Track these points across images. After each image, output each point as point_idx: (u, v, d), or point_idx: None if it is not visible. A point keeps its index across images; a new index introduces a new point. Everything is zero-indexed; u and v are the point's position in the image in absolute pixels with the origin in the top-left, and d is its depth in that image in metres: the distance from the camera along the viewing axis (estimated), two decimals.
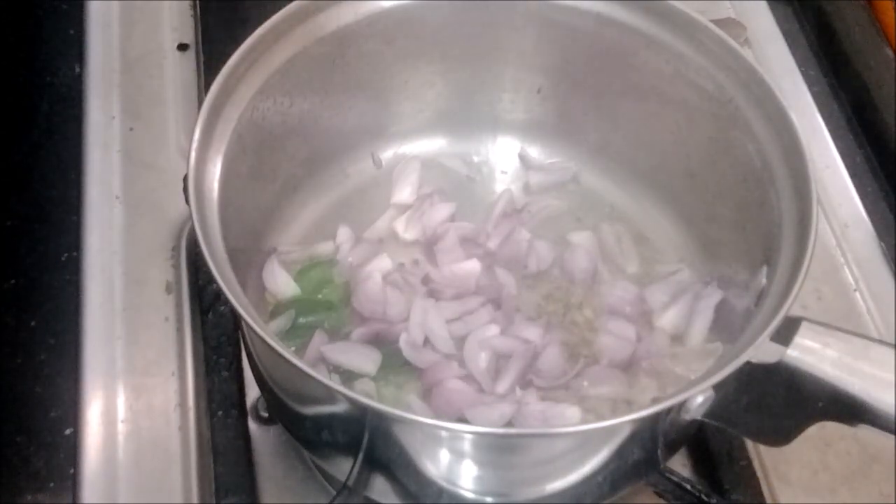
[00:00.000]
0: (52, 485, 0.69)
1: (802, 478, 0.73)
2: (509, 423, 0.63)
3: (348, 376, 0.67)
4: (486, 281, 0.71)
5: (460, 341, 0.68)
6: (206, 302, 0.76)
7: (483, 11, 0.71)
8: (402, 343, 0.67)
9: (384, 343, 0.68)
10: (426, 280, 0.71)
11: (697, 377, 0.54)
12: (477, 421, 0.63)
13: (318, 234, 0.75)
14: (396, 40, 0.71)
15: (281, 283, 0.70)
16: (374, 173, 0.78)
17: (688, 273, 0.73)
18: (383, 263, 0.72)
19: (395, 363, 0.67)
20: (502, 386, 0.66)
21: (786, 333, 0.54)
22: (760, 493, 0.71)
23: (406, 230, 0.75)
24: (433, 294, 0.70)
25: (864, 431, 0.54)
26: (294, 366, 0.52)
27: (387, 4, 0.69)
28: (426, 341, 0.68)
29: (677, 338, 0.70)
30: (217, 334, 0.75)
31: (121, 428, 0.71)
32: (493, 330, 0.68)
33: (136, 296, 0.77)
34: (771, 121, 0.63)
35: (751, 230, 0.66)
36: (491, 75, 0.76)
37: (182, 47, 0.92)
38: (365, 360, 0.67)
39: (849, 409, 0.54)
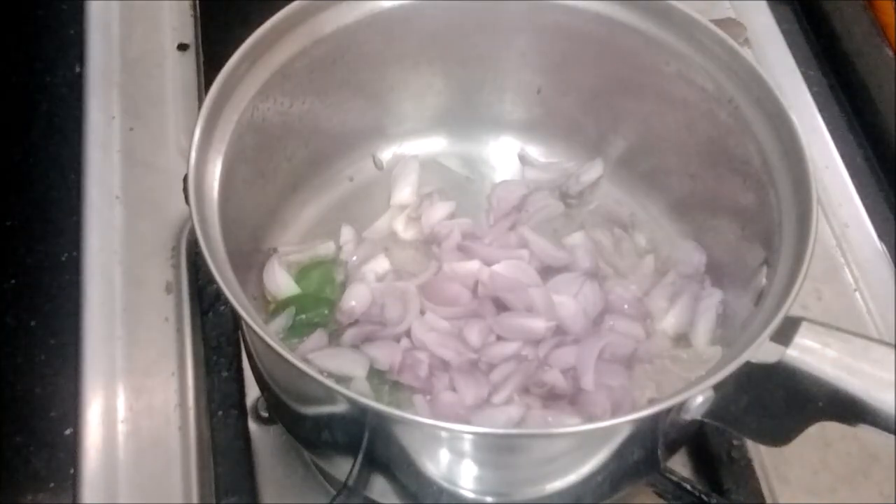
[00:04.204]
0: (52, 485, 0.69)
1: (802, 478, 0.73)
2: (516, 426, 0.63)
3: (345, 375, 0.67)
4: (485, 281, 0.71)
5: (459, 343, 0.68)
6: (206, 302, 0.76)
7: (483, 11, 0.71)
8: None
9: (377, 343, 0.68)
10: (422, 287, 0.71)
11: (697, 377, 0.54)
12: (483, 423, 0.63)
13: (318, 234, 0.75)
14: (396, 40, 0.71)
15: (281, 283, 0.70)
16: (374, 173, 0.78)
17: (687, 273, 0.72)
18: (379, 265, 0.72)
19: None
20: (499, 397, 0.65)
21: (786, 333, 0.54)
22: (760, 493, 0.71)
23: (405, 230, 0.75)
24: (430, 298, 0.70)
25: (864, 431, 0.54)
26: (294, 366, 0.52)
27: (387, 4, 0.69)
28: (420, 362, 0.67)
29: (682, 339, 0.70)
30: (217, 334, 0.75)
31: (121, 428, 0.71)
32: (492, 338, 0.68)
33: (136, 296, 0.77)
34: (771, 121, 0.63)
35: (751, 230, 0.66)
36: (491, 75, 0.76)
37: (182, 47, 0.92)
38: (354, 365, 0.66)
39: (849, 409, 0.54)
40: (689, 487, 0.67)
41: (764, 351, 0.54)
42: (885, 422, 0.53)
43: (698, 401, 0.55)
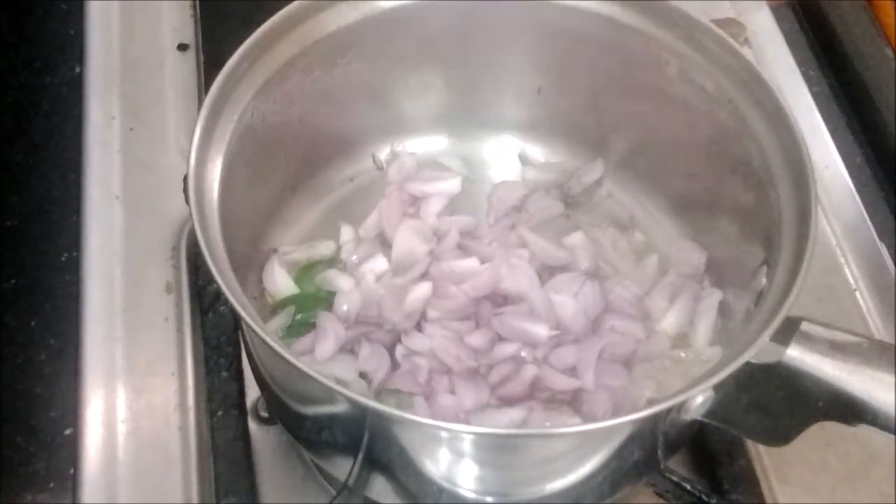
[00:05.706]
0: (52, 485, 0.69)
1: (802, 478, 0.73)
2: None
3: None
4: (484, 282, 0.71)
5: (459, 346, 0.68)
6: (206, 302, 0.76)
7: (483, 12, 0.71)
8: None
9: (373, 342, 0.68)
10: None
11: (697, 377, 0.54)
12: (483, 424, 0.63)
13: (318, 234, 0.75)
14: (396, 40, 0.71)
15: (281, 283, 0.70)
16: (374, 173, 0.78)
17: (687, 273, 0.72)
18: (378, 265, 0.72)
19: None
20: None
21: (786, 333, 0.54)
22: (760, 493, 0.71)
23: None
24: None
25: (864, 431, 0.54)
26: (294, 366, 0.52)
27: (387, 4, 0.69)
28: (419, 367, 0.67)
29: (682, 339, 0.70)
30: (217, 334, 0.75)
31: (121, 428, 0.71)
32: (492, 338, 0.68)
33: (136, 296, 0.77)
34: (771, 121, 0.63)
35: (751, 230, 0.66)
36: (491, 75, 0.76)
37: (182, 47, 0.92)
38: (345, 368, 0.66)
39: (849, 409, 0.54)
40: (689, 487, 0.67)
41: (764, 351, 0.54)
42: (885, 422, 0.53)
43: (698, 401, 0.55)
